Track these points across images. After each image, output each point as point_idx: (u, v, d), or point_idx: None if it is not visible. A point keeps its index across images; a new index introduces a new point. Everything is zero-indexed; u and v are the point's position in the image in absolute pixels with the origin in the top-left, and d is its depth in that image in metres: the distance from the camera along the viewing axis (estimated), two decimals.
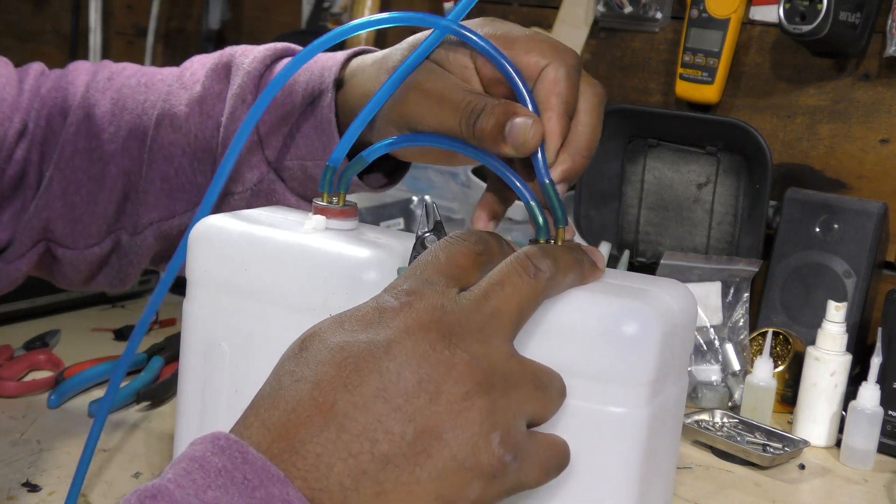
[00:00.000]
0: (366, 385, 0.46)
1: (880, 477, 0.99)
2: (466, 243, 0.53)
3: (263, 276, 0.61)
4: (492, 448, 0.47)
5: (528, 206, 0.58)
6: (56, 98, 0.82)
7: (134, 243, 0.81)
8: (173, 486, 0.44)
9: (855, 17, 1.18)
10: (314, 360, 0.48)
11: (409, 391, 0.46)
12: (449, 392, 0.46)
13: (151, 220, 0.80)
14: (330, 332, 0.49)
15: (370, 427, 0.45)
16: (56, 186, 0.79)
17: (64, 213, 0.80)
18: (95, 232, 0.80)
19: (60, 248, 0.81)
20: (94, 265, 0.82)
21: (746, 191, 1.26)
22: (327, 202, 0.64)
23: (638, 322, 0.53)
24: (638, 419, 0.54)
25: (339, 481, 0.45)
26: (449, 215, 1.39)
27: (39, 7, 2.21)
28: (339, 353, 0.47)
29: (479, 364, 0.48)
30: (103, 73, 0.83)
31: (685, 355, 0.61)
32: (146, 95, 0.80)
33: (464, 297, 0.50)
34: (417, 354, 0.47)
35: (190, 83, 0.79)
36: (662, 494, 0.60)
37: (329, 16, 1.73)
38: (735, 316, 1.17)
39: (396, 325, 0.48)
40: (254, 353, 0.62)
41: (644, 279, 0.60)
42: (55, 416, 0.95)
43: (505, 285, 0.50)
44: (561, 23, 1.47)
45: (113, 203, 0.80)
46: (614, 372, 0.53)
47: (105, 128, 0.79)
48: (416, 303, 0.49)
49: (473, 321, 0.49)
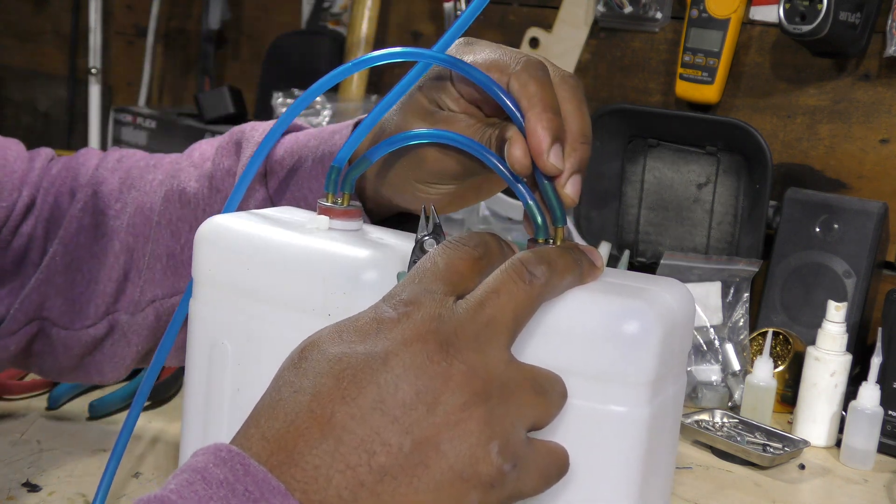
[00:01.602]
0: (363, 397, 0.46)
1: (880, 477, 0.99)
2: (465, 248, 0.52)
3: (265, 275, 0.61)
4: (490, 458, 0.47)
5: (526, 206, 0.58)
6: (66, 178, 0.81)
7: (134, 322, 0.79)
8: (175, 497, 0.44)
9: (855, 17, 1.18)
10: (313, 372, 0.48)
11: (407, 403, 0.46)
12: (446, 403, 0.47)
13: (154, 297, 0.78)
14: (329, 343, 0.49)
15: (368, 439, 0.46)
16: (59, 261, 0.78)
17: (63, 289, 0.79)
18: (93, 312, 0.79)
19: (55, 328, 0.79)
20: (87, 347, 0.80)
21: (746, 191, 1.26)
22: (332, 202, 0.64)
23: (638, 321, 0.53)
24: (638, 418, 0.54)
25: (338, 493, 0.45)
26: (449, 215, 1.39)
27: (39, 7, 2.21)
28: (338, 364, 0.48)
29: (477, 374, 0.48)
30: (113, 156, 0.83)
31: (684, 354, 0.61)
32: (154, 174, 0.80)
33: (460, 305, 0.50)
34: (415, 366, 0.47)
35: (199, 161, 0.79)
36: (662, 494, 0.60)
37: (329, 16, 1.73)
38: (735, 316, 1.17)
39: (394, 337, 0.48)
40: (255, 352, 0.62)
41: (643, 278, 0.60)
42: (55, 416, 0.95)
43: (500, 293, 0.50)
44: (561, 23, 1.47)
45: (113, 282, 0.79)
46: (615, 371, 0.53)
47: (111, 204, 0.79)
48: (414, 313, 0.49)
49: (470, 330, 0.49)
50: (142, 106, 1.98)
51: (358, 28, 1.57)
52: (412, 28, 1.64)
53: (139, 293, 0.78)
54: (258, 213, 0.66)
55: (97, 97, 2.05)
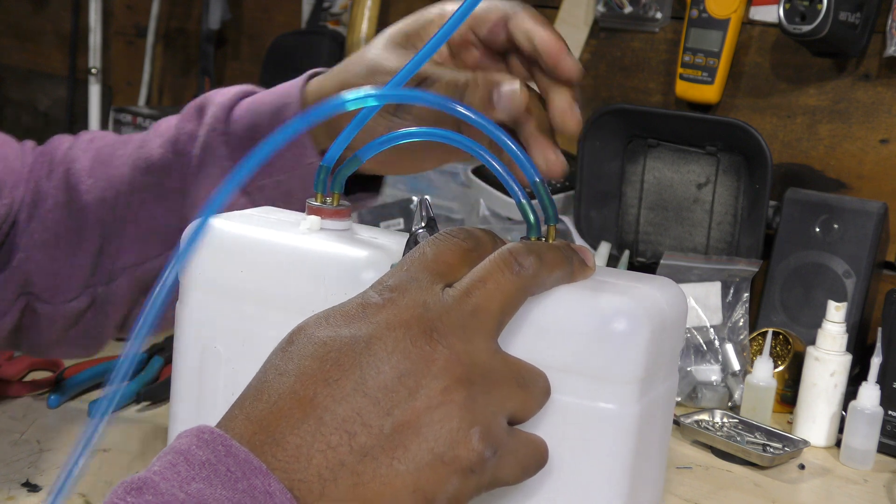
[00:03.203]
0: (346, 379, 0.47)
1: (880, 477, 0.99)
2: (455, 240, 0.53)
3: (259, 277, 0.61)
4: (471, 443, 0.47)
5: (519, 205, 0.58)
6: (43, 162, 0.83)
7: (109, 292, 0.81)
8: (158, 479, 0.45)
9: (855, 17, 1.18)
10: (298, 355, 0.49)
11: (389, 385, 0.47)
12: (428, 387, 0.47)
13: (125, 265, 0.80)
14: (315, 327, 0.50)
15: (349, 420, 0.46)
16: (37, 238, 0.80)
17: (44, 265, 0.81)
18: (74, 285, 0.81)
19: (40, 302, 0.81)
20: (71, 321, 0.82)
21: (746, 191, 1.26)
22: (321, 202, 0.64)
23: (627, 318, 0.53)
24: (628, 416, 0.54)
25: (318, 472, 0.46)
26: (449, 215, 1.39)
27: (39, 7, 2.21)
28: (322, 347, 0.48)
29: (460, 360, 0.48)
30: (85, 136, 0.85)
31: (675, 353, 0.61)
32: (124, 149, 0.82)
33: (447, 293, 0.50)
34: (398, 350, 0.48)
35: (164, 129, 0.81)
36: (653, 492, 0.60)
37: (329, 16, 1.73)
38: (735, 316, 1.17)
39: (378, 321, 0.49)
40: (250, 354, 0.61)
41: (634, 276, 0.60)
42: (55, 416, 0.95)
43: (487, 282, 0.50)
44: (561, 23, 1.47)
45: (90, 255, 0.81)
46: (604, 368, 0.53)
47: (83, 180, 0.81)
48: (399, 299, 0.49)
49: (455, 317, 0.49)
50: (142, 106, 1.98)
51: (358, 28, 1.57)
52: None
53: (111, 262, 0.80)
54: (246, 213, 0.66)
55: (97, 97, 2.05)
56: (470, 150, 0.60)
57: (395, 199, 1.37)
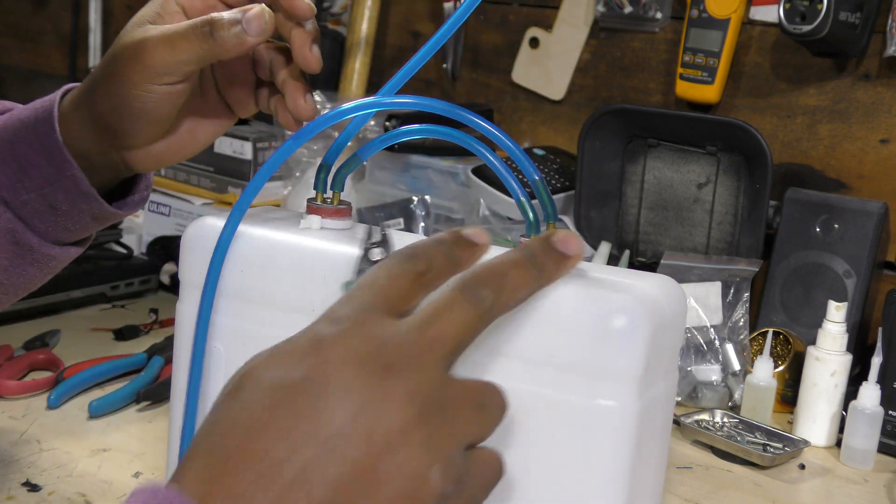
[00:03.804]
0: (298, 430, 0.45)
1: (880, 477, 0.99)
2: (407, 265, 0.51)
3: (259, 277, 0.61)
4: (432, 482, 0.46)
5: (518, 203, 0.58)
6: None
7: None
8: None
9: (855, 17, 1.18)
10: (249, 402, 0.47)
11: (344, 431, 0.45)
12: (386, 428, 0.45)
13: None
14: (264, 370, 0.48)
15: (305, 471, 0.45)
16: None
17: None
18: None
19: None
20: None
21: (746, 191, 1.26)
22: (321, 202, 0.64)
23: (626, 316, 0.53)
24: (627, 413, 0.54)
25: None
26: (449, 215, 1.39)
27: (39, 7, 2.21)
28: (274, 394, 0.46)
29: (415, 398, 0.46)
30: None
31: (675, 350, 0.61)
32: None
33: (403, 325, 0.48)
34: (353, 390, 0.46)
35: None
36: (652, 491, 0.60)
37: (329, 16, 1.73)
38: (735, 316, 1.17)
39: (331, 359, 0.47)
40: (250, 354, 0.62)
41: (633, 274, 0.60)
42: (55, 416, 0.95)
43: (444, 314, 0.49)
44: (561, 23, 1.47)
45: None
46: (603, 366, 0.53)
47: None
48: (352, 332, 0.48)
49: (411, 351, 0.47)
50: None
51: (358, 28, 1.57)
52: (412, 28, 1.63)
53: None
54: (245, 214, 0.66)
55: None
56: (470, 147, 0.61)
57: (394, 199, 1.37)
